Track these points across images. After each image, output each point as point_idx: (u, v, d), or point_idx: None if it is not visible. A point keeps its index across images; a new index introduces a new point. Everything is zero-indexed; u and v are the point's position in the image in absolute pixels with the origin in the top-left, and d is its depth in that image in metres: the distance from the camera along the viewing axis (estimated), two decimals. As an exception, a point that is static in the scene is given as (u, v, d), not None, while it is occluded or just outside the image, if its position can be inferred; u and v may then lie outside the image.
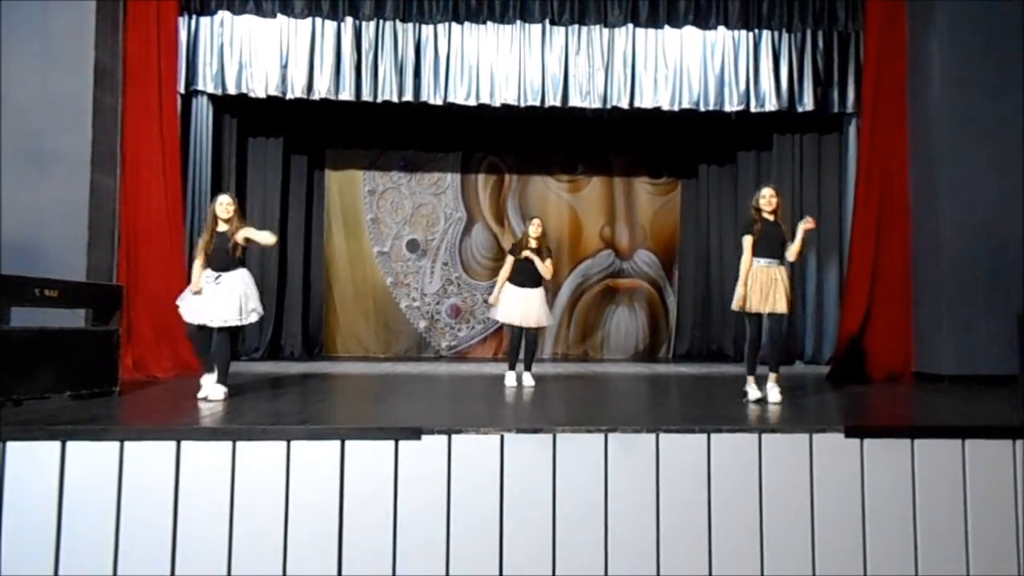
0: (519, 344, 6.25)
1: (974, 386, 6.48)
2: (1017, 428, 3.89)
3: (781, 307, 5.08)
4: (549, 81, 8.11)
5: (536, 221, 6.32)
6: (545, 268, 6.16)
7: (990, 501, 3.77)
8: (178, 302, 5.15)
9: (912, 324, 7.43)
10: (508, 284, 6.23)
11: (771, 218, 5.21)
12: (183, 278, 7.45)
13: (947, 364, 6.97)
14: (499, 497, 3.59)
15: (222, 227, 5.04)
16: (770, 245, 5.17)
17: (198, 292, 5.01)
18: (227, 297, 4.93)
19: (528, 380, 6.19)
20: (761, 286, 5.10)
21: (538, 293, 6.19)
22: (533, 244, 6.20)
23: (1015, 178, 6.96)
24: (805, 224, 5.16)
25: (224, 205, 5.07)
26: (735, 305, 5.22)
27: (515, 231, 10.76)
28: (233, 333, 5.11)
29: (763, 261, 5.15)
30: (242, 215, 5.20)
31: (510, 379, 6.26)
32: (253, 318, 5.07)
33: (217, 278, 5.00)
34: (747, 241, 5.22)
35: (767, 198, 5.22)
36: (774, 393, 5.06)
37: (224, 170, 8.98)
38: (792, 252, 5.20)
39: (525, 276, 6.17)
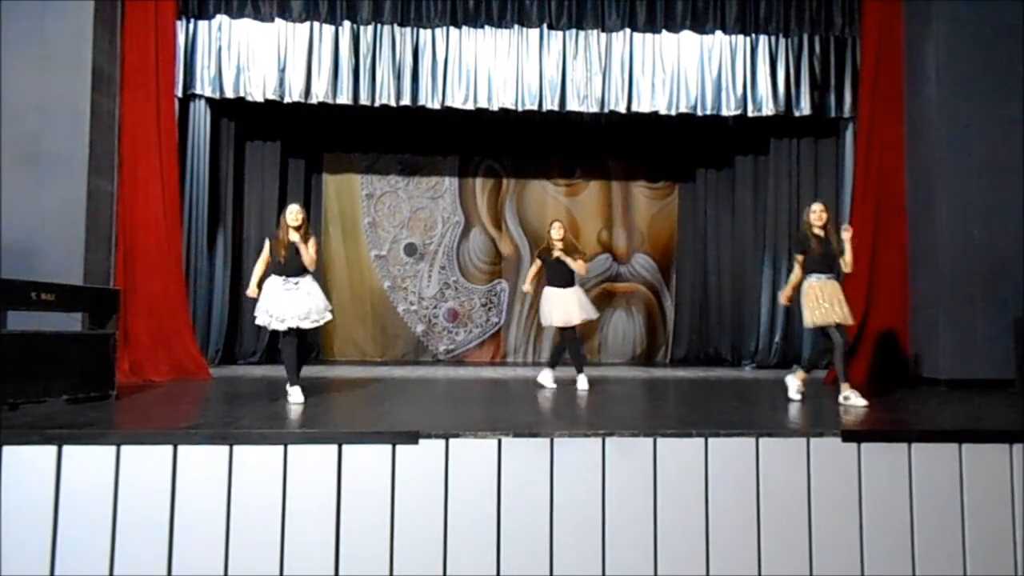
0: (562, 346, 6.44)
1: (971, 390, 6.49)
2: (1014, 432, 3.89)
3: (847, 318, 5.27)
4: (547, 85, 8.12)
5: (557, 224, 6.49)
6: (578, 266, 6.35)
7: (987, 505, 3.77)
8: (259, 321, 5.35)
9: (909, 328, 7.44)
10: (546, 287, 6.39)
11: (821, 233, 5.34)
12: (180, 281, 7.49)
13: (944, 368, 6.98)
14: (496, 501, 3.59)
15: (293, 236, 5.23)
16: (824, 260, 5.33)
17: (260, 295, 5.26)
18: (305, 299, 5.20)
19: (582, 383, 6.27)
20: (821, 300, 5.24)
21: (574, 291, 6.37)
22: (558, 246, 6.34)
23: (1012, 182, 6.98)
24: (846, 232, 5.37)
25: (294, 213, 5.31)
26: (809, 323, 5.38)
27: (512, 235, 10.77)
28: (301, 336, 5.36)
29: (814, 277, 5.32)
30: (309, 225, 5.47)
31: (546, 378, 6.36)
32: (327, 317, 5.35)
33: (297, 283, 5.22)
34: (799, 259, 5.41)
35: (817, 213, 5.40)
36: (855, 398, 5.20)
37: (222, 174, 8.98)
38: (847, 263, 5.38)
39: (559, 278, 6.34)
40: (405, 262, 10.73)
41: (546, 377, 6.40)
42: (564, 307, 6.29)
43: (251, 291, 5.34)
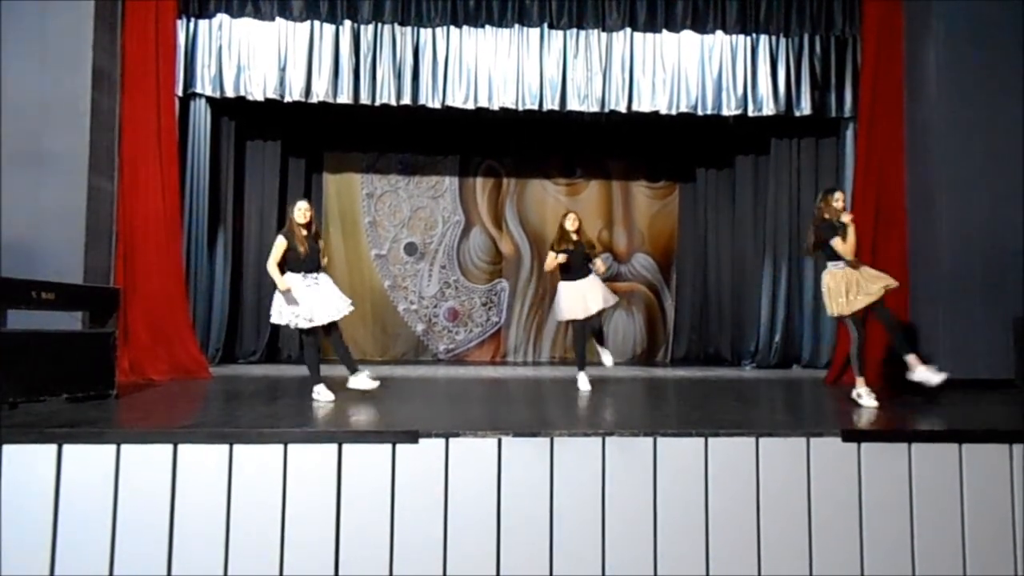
0: (585, 340, 6.28)
1: (971, 390, 6.48)
2: (1014, 432, 3.89)
3: (877, 293, 5.18)
4: (547, 85, 8.12)
5: (572, 215, 6.25)
6: (599, 268, 6.21)
7: (987, 505, 3.77)
8: (278, 320, 5.28)
9: (908, 327, 7.43)
10: (562, 282, 6.21)
11: (847, 220, 5.30)
12: (180, 280, 7.49)
13: (944, 368, 6.92)
14: (496, 501, 3.59)
15: (304, 231, 5.26)
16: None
17: (287, 291, 5.17)
18: (331, 292, 5.25)
19: (608, 359, 6.34)
20: (848, 287, 5.18)
21: (592, 280, 6.17)
22: (574, 238, 6.17)
23: (1012, 182, 6.98)
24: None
25: (303, 210, 5.30)
26: (833, 313, 5.27)
27: (513, 235, 10.77)
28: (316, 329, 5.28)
29: (834, 264, 5.26)
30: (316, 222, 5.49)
31: (583, 382, 6.20)
32: (351, 308, 5.34)
33: (316, 279, 5.25)
34: (837, 243, 5.24)
35: (841, 200, 5.30)
36: (929, 375, 5.16)
37: (222, 173, 8.98)
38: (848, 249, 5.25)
39: (576, 270, 6.15)
40: (405, 261, 10.72)
41: (584, 381, 6.22)
42: (586, 298, 6.09)
43: (283, 285, 5.15)
